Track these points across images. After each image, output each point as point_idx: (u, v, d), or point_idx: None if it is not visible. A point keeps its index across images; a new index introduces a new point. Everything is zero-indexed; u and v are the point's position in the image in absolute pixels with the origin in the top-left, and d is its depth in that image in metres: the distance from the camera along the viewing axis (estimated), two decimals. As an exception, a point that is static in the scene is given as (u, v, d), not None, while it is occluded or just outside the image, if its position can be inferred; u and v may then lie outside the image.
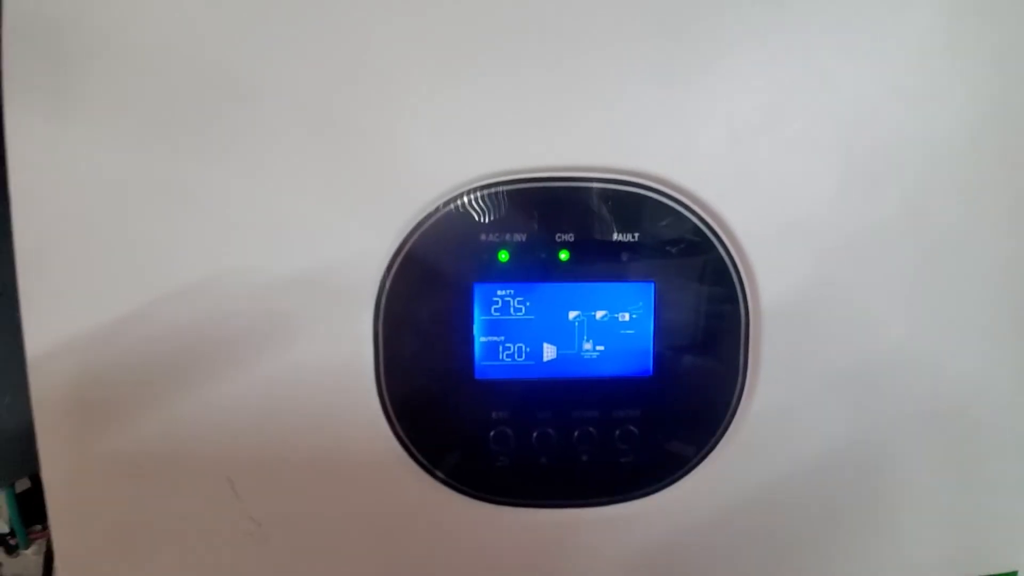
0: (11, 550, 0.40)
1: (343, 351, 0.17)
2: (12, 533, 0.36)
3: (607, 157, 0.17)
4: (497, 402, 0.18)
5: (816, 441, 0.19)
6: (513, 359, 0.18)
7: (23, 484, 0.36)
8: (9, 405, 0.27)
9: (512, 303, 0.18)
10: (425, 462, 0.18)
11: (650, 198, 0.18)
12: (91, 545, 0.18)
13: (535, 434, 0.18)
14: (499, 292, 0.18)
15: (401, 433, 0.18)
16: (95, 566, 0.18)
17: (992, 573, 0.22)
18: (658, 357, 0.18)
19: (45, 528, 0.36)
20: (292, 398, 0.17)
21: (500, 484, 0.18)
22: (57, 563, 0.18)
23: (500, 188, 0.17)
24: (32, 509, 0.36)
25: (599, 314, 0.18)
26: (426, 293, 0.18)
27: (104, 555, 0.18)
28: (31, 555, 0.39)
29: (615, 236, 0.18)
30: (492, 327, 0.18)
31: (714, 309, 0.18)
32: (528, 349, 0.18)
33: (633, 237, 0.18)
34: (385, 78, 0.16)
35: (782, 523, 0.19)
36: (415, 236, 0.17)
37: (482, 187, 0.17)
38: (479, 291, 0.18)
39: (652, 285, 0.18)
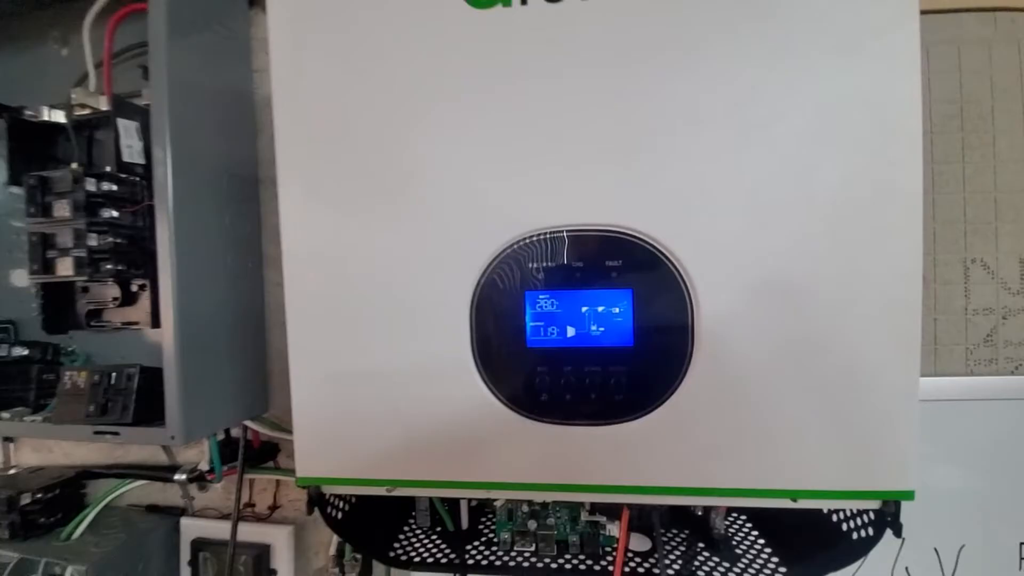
0: (203, 486, 0.57)
1: (455, 332, 0.31)
2: (211, 470, 0.51)
3: (601, 218, 0.30)
4: (540, 361, 0.31)
5: (737, 384, 0.30)
6: (549, 336, 0.31)
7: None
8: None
9: (548, 303, 0.31)
10: (499, 395, 0.31)
11: (628, 239, 0.30)
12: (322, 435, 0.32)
13: (562, 380, 0.31)
14: (540, 297, 0.31)
15: (486, 379, 0.31)
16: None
17: (890, 490, 0.31)
18: (635, 334, 0.30)
19: (234, 467, 0.52)
20: (433, 355, 0.31)
21: (542, 410, 0.31)
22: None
23: (541, 236, 0.30)
24: (226, 454, 0.52)
25: (600, 308, 0.31)
26: (498, 297, 0.31)
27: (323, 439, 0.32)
28: (220, 490, 0.56)
29: (607, 263, 0.30)
30: (536, 317, 0.31)
31: (669, 305, 0.30)
32: (558, 329, 0.31)
33: (618, 263, 0.30)
34: (483, 181, 0.30)
35: (715, 440, 0.30)
36: (494, 263, 0.31)
37: (530, 236, 0.30)
38: (529, 296, 0.31)
39: (631, 291, 0.30)
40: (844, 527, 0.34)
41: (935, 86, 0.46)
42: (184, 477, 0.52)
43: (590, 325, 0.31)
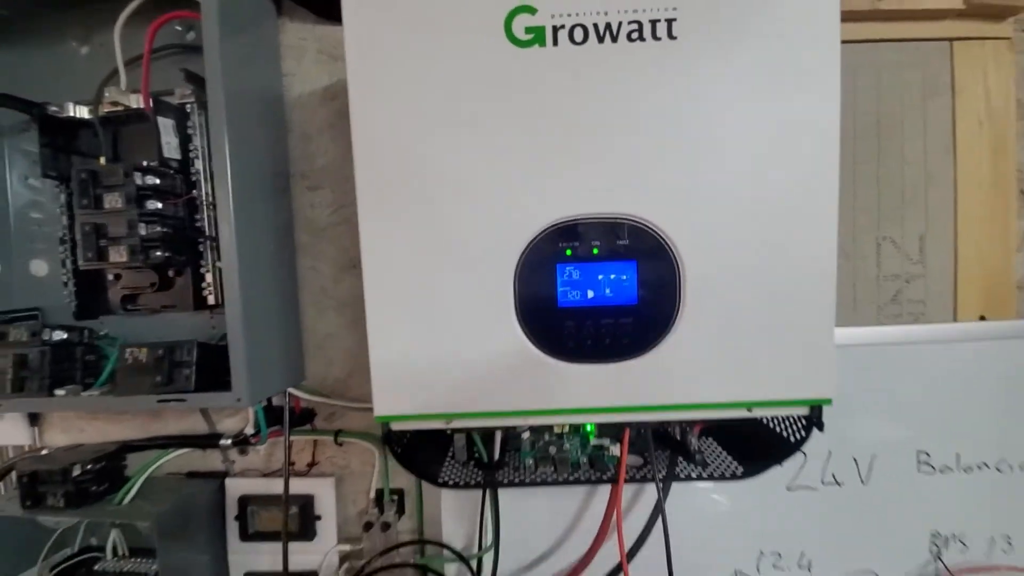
0: (243, 450, 0.63)
1: (502, 294, 0.40)
2: (255, 433, 0.58)
3: (613, 209, 0.40)
4: (567, 316, 0.41)
5: (711, 328, 0.41)
6: (574, 297, 0.41)
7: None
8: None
9: (573, 272, 0.41)
10: (535, 343, 0.41)
11: (632, 224, 0.40)
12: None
13: (583, 331, 0.41)
14: (568, 268, 0.41)
15: (526, 331, 0.41)
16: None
17: (815, 398, 0.43)
18: (638, 295, 0.41)
19: (273, 431, 0.58)
20: (486, 314, 0.40)
21: (568, 353, 0.41)
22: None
23: (567, 223, 0.40)
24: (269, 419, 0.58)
25: (611, 276, 0.41)
26: (536, 268, 0.40)
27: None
28: (260, 453, 0.62)
29: (617, 242, 0.40)
30: (565, 283, 0.41)
31: (663, 272, 0.41)
32: (580, 293, 0.41)
33: (625, 242, 0.40)
34: (525, 183, 0.40)
35: (695, 370, 0.41)
36: (532, 243, 0.40)
37: (560, 223, 0.40)
38: (559, 268, 0.41)
39: (635, 262, 0.41)
40: (783, 433, 0.47)
41: (860, 100, 0.59)
42: (229, 442, 0.58)
43: (604, 289, 0.41)
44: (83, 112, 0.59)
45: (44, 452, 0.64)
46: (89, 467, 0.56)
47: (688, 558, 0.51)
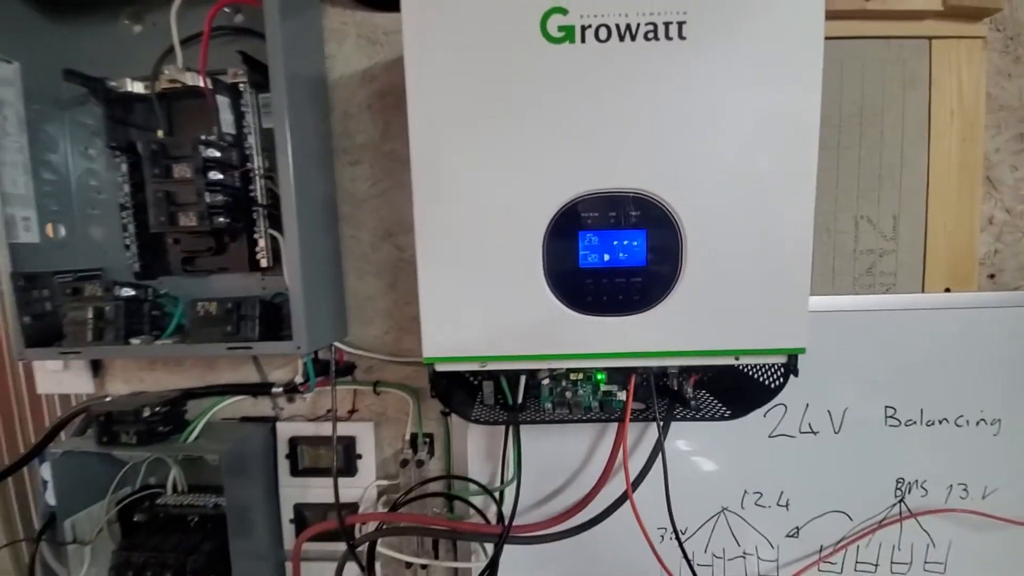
0: (292, 398, 0.71)
1: (532, 256, 0.47)
2: (304, 382, 0.65)
3: (626, 184, 0.47)
4: (587, 276, 0.48)
5: (707, 286, 0.48)
6: (592, 260, 0.48)
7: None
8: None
9: (593, 238, 0.48)
10: (560, 299, 0.48)
11: (643, 198, 0.47)
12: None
13: (600, 287, 0.48)
14: (588, 235, 0.48)
15: (552, 288, 0.48)
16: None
17: (791, 347, 0.51)
18: (647, 258, 0.48)
19: (325, 379, 0.66)
20: (518, 273, 0.47)
21: (587, 307, 0.48)
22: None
23: (589, 196, 0.47)
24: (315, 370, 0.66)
25: (625, 242, 0.48)
26: (562, 234, 0.48)
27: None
28: (307, 400, 0.70)
29: (630, 212, 0.48)
30: (585, 247, 0.48)
31: (667, 238, 0.48)
32: (598, 256, 0.48)
33: (637, 212, 0.48)
34: (552, 161, 0.46)
35: (693, 322, 0.49)
36: (560, 212, 0.47)
37: (583, 196, 0.47)
38: (581, 235, 0.48)
39: (644, 231, 0.48)
40: (764, 381, 0.55)
41: (845, 90, 0.66)
42: (280, 389, 0.66)
43: (619, 253, 0.48)
44: (139, 88, 0.65)
45: (107, 399, 0.72)
46: (157, 410, 0.64)
47: (681, 495, 0.59)
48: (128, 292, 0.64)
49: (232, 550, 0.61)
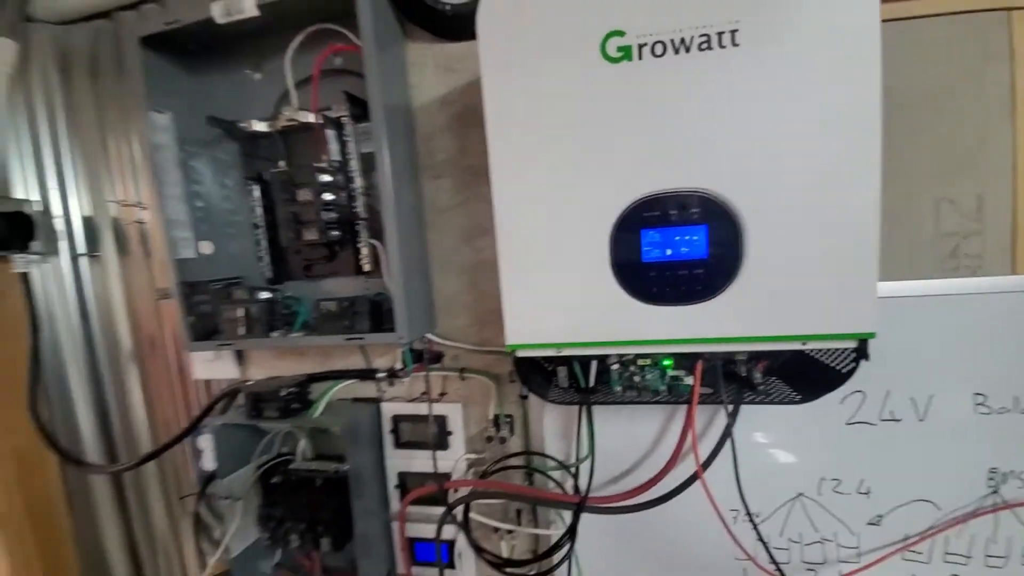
0: (392, 382, 0.82)
1: (600, 254, 0.53)
2: (402, 368, 0.76)
3: (687, 184, 0.51)
4: (651, 269, 0.53)
5: (769, 277, 0.51)
6: (655, 254, 0.53)
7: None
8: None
9: (655, 235, 0.53)
10: (626, 290, 0.54)
11: (703, 196, 0.51)
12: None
13: (664, 279, 0.53)
14: (651, 232, 0.53)
15: (619, 281, 0.54)
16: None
17: (862, 332, 0.52)
18: (708, 251, 0.52)
19: (420, 366, 0.76)
20: (588, 267, 0.53)
21: (652, 297, 0.53)
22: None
23: (652, 197, 0.52)
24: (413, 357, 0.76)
25: (686, 237, 0.52)
26: (627, 232, 0.53)
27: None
28: (404, 384, 0.81)
29: (691, 209, 0.52)
30: (648, 244, 0.53)
31: (727, 232, 0.51)
32: (660, 251, 0.53)
33: (698, 209, 0.52)
34: (619, 168, 0.52)
35: (755, 309, 0.52)
36: (625, 211, 0.52)
37: (646, 197, 0.52)
38: (644, 232, 0.53)
39: (706, 226, 0.52)
40: (834, 365, 0.57)
41: (914, 72, 0.64)
42: (384, 374, 0.77)
43: (681, 247, 0.53)
44: (263, 127, 0.78)
45: (248, 383, 0.87)
46: (291, 390, 0.78)
47: (755, 480, 0.61)
48: (265, 295, 0.78)
49: (354, 508, 0.73)
